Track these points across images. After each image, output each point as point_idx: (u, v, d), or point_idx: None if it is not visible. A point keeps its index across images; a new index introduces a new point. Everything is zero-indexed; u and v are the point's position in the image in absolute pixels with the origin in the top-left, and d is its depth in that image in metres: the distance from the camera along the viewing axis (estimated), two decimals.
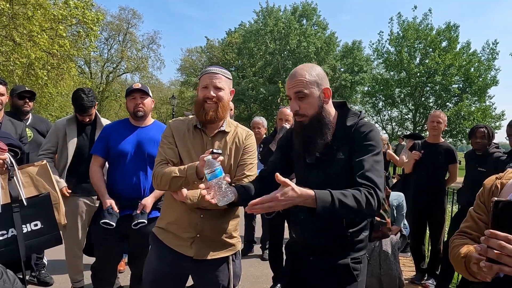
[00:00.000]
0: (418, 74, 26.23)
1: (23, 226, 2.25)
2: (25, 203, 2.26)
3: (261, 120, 4.70)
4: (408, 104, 28.32)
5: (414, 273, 4.20)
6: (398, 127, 29.62)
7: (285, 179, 1.33)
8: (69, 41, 12.31)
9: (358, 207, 1.40)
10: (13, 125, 3.23)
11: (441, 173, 3.98)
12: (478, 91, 25.75)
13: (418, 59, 27.08)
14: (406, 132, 27.14)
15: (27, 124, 3.63)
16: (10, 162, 2.26)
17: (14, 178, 2.26)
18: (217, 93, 1.87)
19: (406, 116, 29.38)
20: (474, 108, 25.77)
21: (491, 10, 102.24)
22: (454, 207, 4.41)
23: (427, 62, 25.92)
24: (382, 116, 30.10)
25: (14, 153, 2.37)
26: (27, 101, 3.63)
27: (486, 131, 3.62)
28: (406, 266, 4.50)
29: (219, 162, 1.59)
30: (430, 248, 4.16)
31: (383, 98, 28.65)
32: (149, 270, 1.98)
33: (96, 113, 3.28)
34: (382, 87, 27.61)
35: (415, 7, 27.69)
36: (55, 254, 3.94)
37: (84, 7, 11.62)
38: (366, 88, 30.28)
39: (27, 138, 3.44)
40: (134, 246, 2.62)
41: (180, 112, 31.74)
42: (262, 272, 4.27)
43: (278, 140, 2.64)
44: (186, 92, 36.02)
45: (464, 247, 1.27)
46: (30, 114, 3.74)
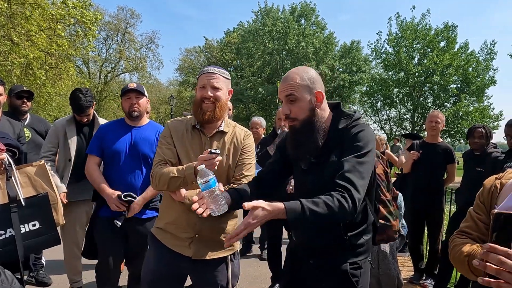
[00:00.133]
0: (417, 74, 26.24)
1: (21, 226, 2.25)
2: (23, 203, 2.26)
3: (259, 120, 4.68)
4: (406, 104, 28.35)
5: (413, 273, 4.21)
6: (396, 127, 29.64)
7: (252, 204, 1.34)
8: (67, 40, 12.30)
9: (330, 213, 1.39)
10: (11, 125, 3.21)
11: (439, 173, 3.99)
12: (476, 91, 25.78)
13: (416, 59, 27.09)
14: (404, 132, 27.15)
15: (25, 124, 3.62)
16: (8, 162, 2.26)
17: (12, 178, 2.26)
18: (214, 93, 1.87)
19: (405, 116, 29.41)
20: (472, 108, 25.80)
21: (491, 10, 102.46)
22: (452, 207, 4.42)
23: (426, 62, 25.94)
24: (380, 116, 30.13)
25: (12, 153, 2.37)
26: (25, 101, 3.61)
27: (484, 131, 3.63)
28: (405, 266, 4.51)
29: (213, 173, 1.57)
30: (428, 248, 4.18)
31: (382, 98, 28.66)
32: (147, 270, 1.98)
33: (94, 113, 3.27)
34: (380, 87, 27.62)
35: (413, 7, 27.84)
36: (54, 254, 3.93)
37: (82, 7, 11.60)
38: (364, 88, 30.30)
39: (25, 138, 3.43)
40: (132, 245, 2.61)
41: (178, 112, 31.72)
42: (261, 272, 4.27)
43: (277, 141, 2.63)
44: (184, 92, 35.99)
45: (466, 246, 1.26)
46: (28, 114, 3.73)
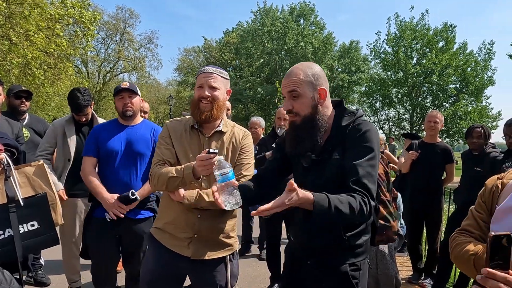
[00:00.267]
0: (415, 74, 26.25)
1: (20, 226, 2.24)
2: (21, 203, 2.26)
3: (258, 120, 4.68)
4: (405, 104, 28.37)
5: (411, 272, 4.22)
6: (395, 127, 29.65)
7: (295, 186, 1.34)
8: (66, 40, 12.27)
9: (351, 214, 1.39)
10: (9, 125, 3.21)
11: (438, 173, 3.99)
12: (475, 91, 25.80)
13: (415, 59, 27.10)
14: (403, 131, 27.19)
15: (24, 124, 3.61)
16: (6, 162, 2.26)
17: (11, 178, 2.25)
18: (212, 92, 1.87)
19: (403, 116, 29.42)
20: (470, 108, 25.81)
21: (490, 10, 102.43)
22: (451, 207, 4.43)
23: (424, 62, 25.95)
24: (379, 116, 30.12)
25: (11, 153, 2.36)
26: (24, 100, 3.61)
27: (483, 131, 3.63)
28: (403, 266, 4.51)
29: (230, 165, 1.56)
30: (427, 247, 4.18)
31: (380, 98, 28.65)
32: (146, 270, 1.98)
33: (92, 113, 3.27)
34: (379, 87, 27.62)
35: (412, 8, 27.83)
36: (52, 254, 3.93)
37: (81, 7, 11.58)
38: (363, 88, 30.31)
39: (24, 138, 3.42)
40: (127, 245, 2.59)
41: (177, 112, 31.68)
42: (260, 272, 4.27)
43: (277, 139, 2.63)
44: (183, 92, 35.97)
45: (471, 245, 1.25)
46: (27, 114, 3.72)
